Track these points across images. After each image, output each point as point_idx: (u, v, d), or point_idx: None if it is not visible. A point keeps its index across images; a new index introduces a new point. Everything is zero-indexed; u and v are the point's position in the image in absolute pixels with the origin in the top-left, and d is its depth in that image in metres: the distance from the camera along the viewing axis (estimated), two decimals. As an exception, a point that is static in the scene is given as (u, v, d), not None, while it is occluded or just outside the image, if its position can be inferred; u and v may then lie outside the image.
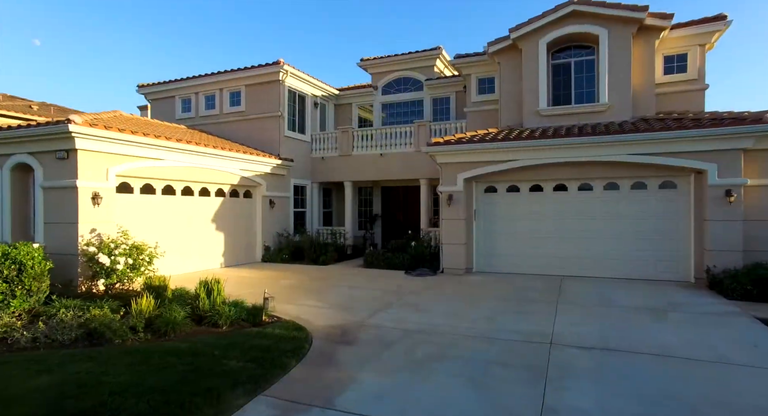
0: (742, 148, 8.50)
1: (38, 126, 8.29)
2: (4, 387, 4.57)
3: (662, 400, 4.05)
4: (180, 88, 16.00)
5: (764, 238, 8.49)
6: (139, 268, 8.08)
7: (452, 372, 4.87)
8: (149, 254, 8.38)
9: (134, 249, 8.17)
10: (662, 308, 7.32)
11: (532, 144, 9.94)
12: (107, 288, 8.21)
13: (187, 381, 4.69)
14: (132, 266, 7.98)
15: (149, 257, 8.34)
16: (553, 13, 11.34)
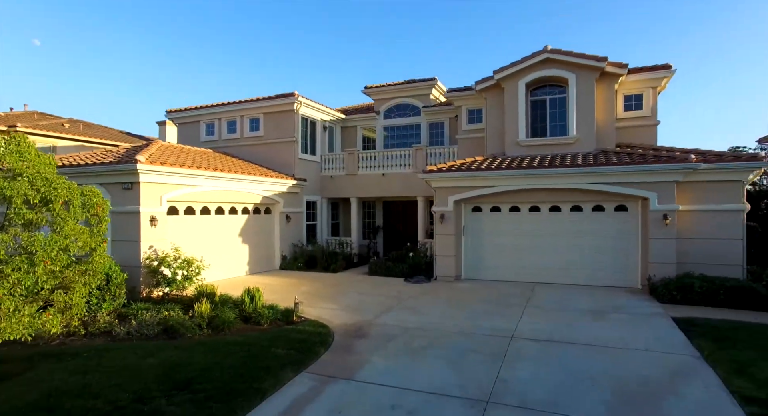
0: (675, 180, 10.47)
1: (111, 164, 10.25)
2: (123, 365, 6.51)
3: (575, 374, 5.99)
4: (204, 114, 17.97)
5: (692, 253, 10.46)
6: (191, 278, 10.03)
7: (438, 356, 6.81)
8: (197, 266, 10.33)
9: (186, 262, 10.12)
10: (606, 310, 9.27)
11: (510, 173, 11.90)
12: (164, 294, 10.15)
13: (249, 362, 6.63)
14: (186, 277, 9.93)
15: (198, 269, 10.30)
16: (531, 59, 13.32)
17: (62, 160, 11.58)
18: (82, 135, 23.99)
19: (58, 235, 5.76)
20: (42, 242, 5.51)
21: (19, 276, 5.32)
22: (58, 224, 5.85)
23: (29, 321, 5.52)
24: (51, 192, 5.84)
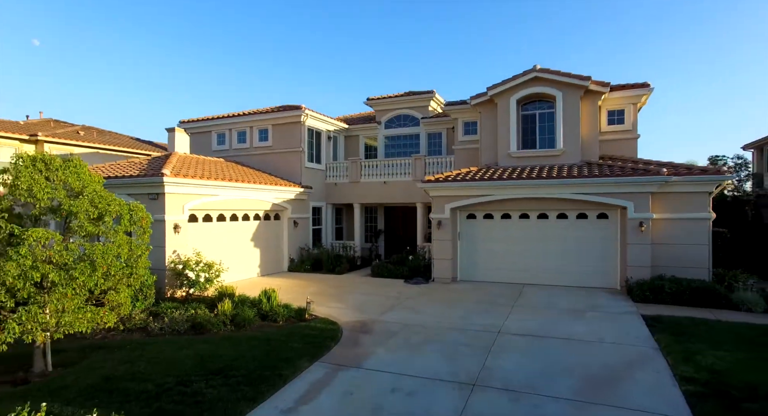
0: (650, 191, 11.52)
1: (139, 176, 11.28)
2: (163, 356, 7.54)
3: (551, 363, 7.02)
4: (216, 125, 19.01)
5: (665, 257, 11.50)
6: (212, 280, 11.06)
7: (434, 349, 7.84)
8: (217, 269, 11.36)
9: (207, 266, 11.15)
10: (586, 309, 10.31)
11: (501, 184, 12.94)
12: (187, 294, 11.19)
13: (271, 354, 7.66)
14: (207, 279, 10.96)
15: (217, 272, 11.33)
16: (521, 77, 14.36)
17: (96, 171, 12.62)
18: (96, 142, 25.00)
19: (112, 245, 6.78)
20: (101, 250, 6.53)
21: (83, 278, 6.33)
22: (112, 235, 6.88)
23: (91, 316, 6.54)
24: (106, 208, 6.87)
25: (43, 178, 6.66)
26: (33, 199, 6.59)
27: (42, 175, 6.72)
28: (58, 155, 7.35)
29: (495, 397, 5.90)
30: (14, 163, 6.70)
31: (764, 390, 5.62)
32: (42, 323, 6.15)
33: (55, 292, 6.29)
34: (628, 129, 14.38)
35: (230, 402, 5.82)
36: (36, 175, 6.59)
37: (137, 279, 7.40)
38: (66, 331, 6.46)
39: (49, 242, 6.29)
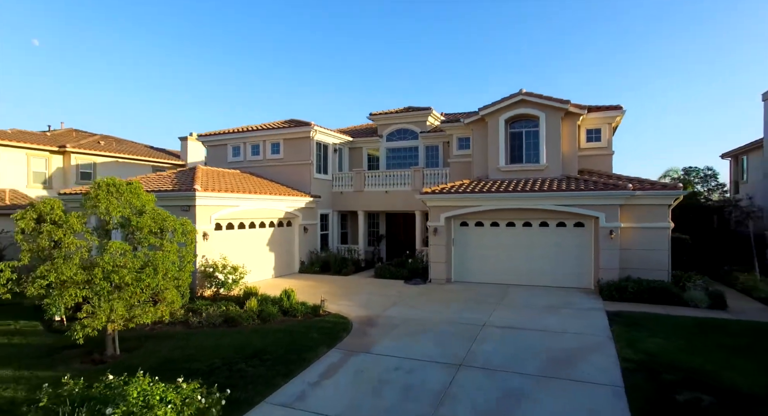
0: (619, 204, 13.14)
1: (173, 191, 12.89)
2: (206, 344, 9.13)
3: (524, 348, 8.62)
4: (231, 138, 20.62)
5: (631, 260, 13.11)
6: (237, 281, 12.67)
7: (429, 338, 9.44)
8: (241, 272, 12.96)
9: (233, 269, 12.76)
10: (560, 306, 11.91)
11: (490, 196, 14.55)
12: (215, 293, 12.78)
13: (295, 343, 9.27)
14: (234, 280, 12.57)
15: (241, 274, 12.93)
16: (509, 100, 15.98)
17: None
18: (115, 151, 26.58)
19: (169, 253, 8.38)
20: (161, 258, 8.12)
21: (149, 280, 7.91)
22: (168, 246, 8.48)
23: (153, 310, 8.14)
24: (163, 223, 8.48)
25: (116, 200, 8.26)
26: (108, 217, 8.20)
27: (113, 196, 8.32)
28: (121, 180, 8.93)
29: (475, 374, 7.51)
30: (93, 188, 8.28)
31: (680, 365, 7.23)
32: (120, 315, 7.75)
33: (127, 291, 7.89)
34: (604, 146, 16.01)
35: (268, 377, 7.43)
36: (111, 197, 8.19)
37: (184, 281, 9.00)
38: (137, 322, 8.07)
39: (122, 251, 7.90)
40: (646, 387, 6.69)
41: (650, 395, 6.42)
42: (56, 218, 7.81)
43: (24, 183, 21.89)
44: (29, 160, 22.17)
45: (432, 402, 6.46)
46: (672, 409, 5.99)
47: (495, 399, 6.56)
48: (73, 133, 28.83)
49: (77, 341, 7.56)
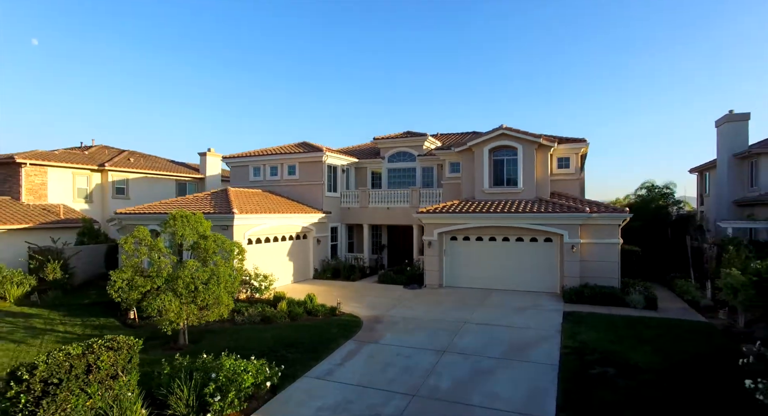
0: (578, 223, 15.85)
1: (215, 213, 15.58)
2: (253, 336, 11.81)
3: (493, 339, 11.31)
4: (252, 161, 23.33)
5: (589, 270, 15.81)
6: (268, 287, 15.37)
7: (422, 332, 12.14)
8: (270, 280, 15.65)
9: (264, 277, 15.45)
10: (529, 307, 14.61)
11: (475, 216, 17.26)
12: (249, 297, 15.46)
13: (319, 336, 11.95)
14: (265, 286, 15.26)
15: (270, 281, 15.62)
16: (492, 134, 18.70)
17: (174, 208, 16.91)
18: (143, 167, 29.24)
19: (227, 268, 11.07)
20: (222, 272, 10.81)
21: (214, 289, 10.60)
22: (225, 263, 11.18)
23: (217, 311, 10.85)
24: (222, 245, 11.19)
25: (188, 228, 10.98)
26: (182, 240, 10.92)
27: (187, 225, 11.03)
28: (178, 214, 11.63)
29: (454, 357, 10.21)
30: (171, 218, 10.98)
31: (602, 350, 9.93)
32: (195, 314, 10.46)
33: (199, 296, 10.60)
34: (572, 172, 18.74)
35: (304, 360, 10.12)
36: (185, 225, 10.90)
37: (234, 288, 11.70)
38: (205, 320, 10.78)
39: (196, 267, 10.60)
40: (573, 364, 9.39)
41: (574, 369, 9.12)
42: (149, 242, 10.52)
43: (70, 198, 24.58)
44: (74, 178, 24.88)
45: (422, 376, 9.17)
46: (585, 378, 8.68)
47: (467, 374, 9.27)
48: (105, 151, 31.49)
49: (165, 332, 10.26)
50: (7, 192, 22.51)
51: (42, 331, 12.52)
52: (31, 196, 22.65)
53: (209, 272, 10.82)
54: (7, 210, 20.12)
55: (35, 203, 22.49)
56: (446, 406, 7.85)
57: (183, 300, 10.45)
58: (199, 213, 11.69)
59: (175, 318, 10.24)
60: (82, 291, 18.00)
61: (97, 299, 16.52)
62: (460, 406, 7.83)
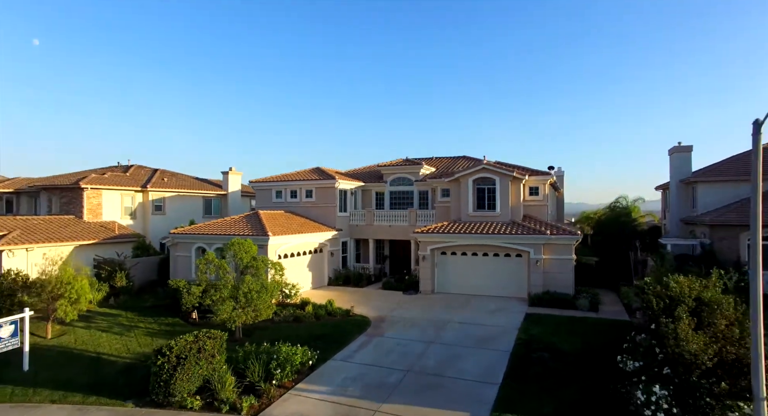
0: (542, 243, 19.57)
1: (252, 235, 19.32)
2: (288, 332, 15.53)
3: (468, 334, 15.03)
4: (275, 185, 27.11)
5: (550, 280, 19.47)
6: (296, 294, 19.10)
7: (416, 329, 15.86)
8: (297, 288, 19.38)
9: (293, 286, 19.18)
10: (500, 309, 18.30)
11: (460, 236, 20.97)
12: (279, 302, 19.19)
13: (339, 331, 15.68)
14: (294, 293, 19.00)
15: (297, 289, 19.35)
16: (475, 167, 22.46)
17: (217, 229, 20.67)
18: (175, 187, 32.94)
19: (272, 281, 14.80)
20: (270, 284, 14.52)
21: (265, 297, 14.32)
22: (271, 276, 14.90)
23: (265, 313, 14.57)
24: (269, 264, 14.94)
25: (243, 251, 14.73)
26: (241, 262, 14.69)
27: (241, 248, 14.78)
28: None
29: (438, 347, 13.94)
30: (230, 244, 14.72)
31: (543, 340, 13.61)
32: (251, 315, 14.22)
33: (254, 303, 14.33)
34: (540, 199, 22.48)
35: (329, 348, 13.82)
36: (242, 249, 14.66)
37: (275, 295, 15.45)
38: (256, 320, 14.52)
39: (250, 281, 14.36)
40: (520, 350, 13.09)
41: (520, 354, 12.83)
42: (216, 263, 14.29)
43: (119, 215, 28.36)
44: (122, 198, 28.68)
45: (415, 359, 12.90)
46: (527, 359, 12.37)
47: (446, 357, 12.99)
48: (141, 171, 35.22)
49: (229, 328, 14.00)
50: (72, 211, 26.32)
51: (130, 327, 16.28)
52: (90, 214, 26.43)
53: (260, 284, 14.58)
54: (76, 229, 23.89)
55: (94, 221, 26.27)
56: (430, 378, 11.59)
57: (242, 305, 14.20)
58: (249, 241, 15.46)
59: (236, 318, 13.99)
60: (140, 295, 21.71)
61: (155, 303, 20.24)
62: (439, 378, 11.57)
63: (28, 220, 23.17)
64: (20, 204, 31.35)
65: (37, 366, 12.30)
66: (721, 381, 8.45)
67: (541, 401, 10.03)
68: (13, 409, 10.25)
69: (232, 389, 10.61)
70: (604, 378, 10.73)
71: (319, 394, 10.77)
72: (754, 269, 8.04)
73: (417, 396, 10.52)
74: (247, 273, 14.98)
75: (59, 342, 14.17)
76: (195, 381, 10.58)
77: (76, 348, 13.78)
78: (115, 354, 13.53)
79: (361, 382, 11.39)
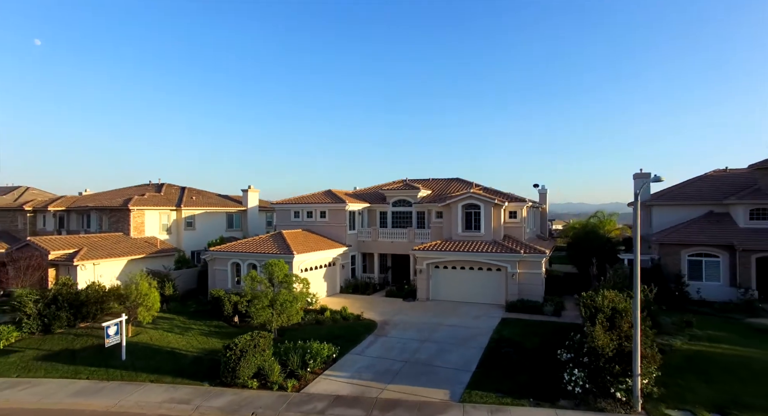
0: (516, 260, 23.38)
1: (281, 254, 23.14)
2: (312, 332, 19.32)
3: (454, 334, 18.80)
4: (293, 207, 30.97)
5: (524, 290, 23.23)
6: (316, 302, 22.90)
7: (413, 330, 19.65)
8: (316, 297, 23.17)
9: (313, 294, 22.97)
10: (482, 315, 22.05)
11: (450, 253, 24.77)
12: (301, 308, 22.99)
13: (353, 332, 19.48)
14: (315, 300, 22.80)
15: (317, 298, 23.15)
16: (464, 194, 26.32)
17: (249, 247, 24.55)
18: (203, 205, 36.78)
19: (300, 293, 18.59)
20: (299, 294, 18.30)
21: (296, 306, 18.09)
22: (299, 289, 18.72)
23: (296, 318, 18.37)
24: (298, 279, 18.77)
25: (279, 269, 18.57)
26: (277, 278, 18.54)
27: (276, 267, 18.61)
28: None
29: (430, 344, 17.74)
30: (268, 264, 18.57)
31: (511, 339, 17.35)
32: (285, 319, 18.05)
33: (287, 311, 18.15)
34: (518, 222, 26.32)
35: (346, 345, 17.56)
36: (276, 267, 18.50)
37: (303, 303, 19.28)
38: (288, 323, 18.35)
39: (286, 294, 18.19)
40: (492, 347, 16.85)
41: (492, 349, 16.58)
42: (258, 279, 18.14)
43: (157, 231, 32.21)
44: (160, 216, 32.56)
45: (412, 352, 16.70)
46: (496, 353, 16.09)
47: (436, 351, 16.78)
48: (171, 189, 39.07)
49: (270, 330, 17.79)
50: (120, 229, 30.20)
51: (185, 328, 20.07)
52: (135, 231, 30.30)
53: (292, 296, 18.42)
54: (127, 244, 27.75)
55: (138, 237, 30.14)
56: (423, 366, 15.40)
57: (278, 312, 18.03)
58: (282, 261, 19.32)
59: (273, 321, 17.81)
60: (184, 302, 25.49)
61: (198, 308, 24.04)
62: (430, 367, 15.37)
63: (89, 238, 27.06)
64: (70, 220, 35.18)
65: (130, 357, 16.14)
66: (617, 366, 12.24)
67: (501, 382, 13.82)
68: (128, 385, 14.10)
69: (279, 374, 14.40)
70: (549, 366, 14.52)
71: (341, 378, 14.57)
72: (636, 289, 11.89)
73: (413, 379, 14.31)
74: (281, 287, 18.81)
75: (139, 340, 17.97)
76: (252, 368, 14.38)
77: (154, 345, 17.59)
78: (183, 349, 17.35)
79: (372, 370, 15.19)
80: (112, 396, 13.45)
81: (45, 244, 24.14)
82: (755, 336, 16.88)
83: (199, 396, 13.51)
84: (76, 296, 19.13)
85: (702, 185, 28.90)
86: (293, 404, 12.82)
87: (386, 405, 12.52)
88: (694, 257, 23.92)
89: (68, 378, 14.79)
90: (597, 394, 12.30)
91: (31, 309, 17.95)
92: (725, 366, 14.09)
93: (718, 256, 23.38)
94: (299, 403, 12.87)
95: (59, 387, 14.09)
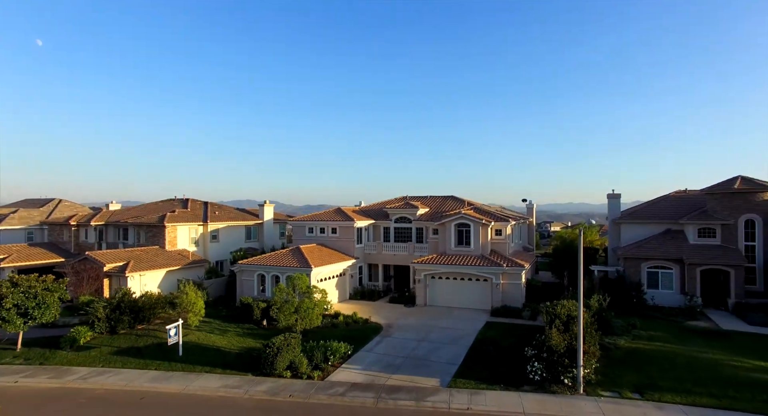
0: (500, 272, 26.99)
1: (300, 267, 26.78)
2: (330, 333, 22.97)
3: (446, 335, 22.38)
4: (308, 224, 34.63)
5: (507, 297, 26.89)
6: (331, 307, 26.50)
7: (413, 331, 23.23)
8: (331, 303, 26.77)
9: (328, 302, 26.58)
10: (471, 318, 25.60)
11: (444, 266, 28.39)
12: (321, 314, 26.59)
13: (361, 332, 23.05)
14: (329, 307, 26.41)
15: (331, 304, 26.75)
16: (456, 214, 29.99)
17: (272, 261, 28.25)
18: (224, 219, 40.39)
19: (320, 301, 22.17)
20: (318, 302, 21.87)
21: (317, 311, 21.65)
22: (318, 297, 22.32)
23: (316, 322, 21.95)
24: (316, 290, 22.39)
25: (301, 281, 22.19)
26: (300, 289, 22.18)
27: (299, 279, 22.23)
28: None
29: (427, 343, 21.34)
30: (292, 278, 22.21)
31: (492, 339, 20.94)
32: (307, 323, 21.66)
33: (308, 316, 21.76)
34: (503, 238, 29.94)
35: (358, 344, 21.15)
36: (299, 279, 22.13)
37: (321, 310, 22.90)
38: (310, 327, 21.96)
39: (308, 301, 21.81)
40: (476, 345, 20.43)
41: (476, 347, 20.16)
42: (286, 290, 21.78)
43: (187, 244, 35.88)
44: (189, 231, 36.23)
45: (411, 349, 20.30)
46: (479, 350, 19.66)
47: (430, 349, 20.39)
48: (196, 205, 42.73)
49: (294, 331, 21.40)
50: (156, 242, 33.87)
51: (224, 330, 23.68)
52: (169, 245, 33.96)
53: (313, 303, 22.06)
54: (164, 257, 31.41)
55: (172, 249, 33.80)
56: (420, 361, 19.00)
57: (301, 317, 21.65)
58: (304, 275, 22.97)
59: (298, 325, 21.43)
60: (216, 308, 29.08)
61: (229, 313, 27.63)
62: (426, 361, 18.97)
63: (133, 252, 30.74)
64: (108, 233, 38.82)
65: (185, 353, 19.77)
66: (567, 359, 15.85)
67: (480, 373, 17.41)
68: (189, 374, 17.75)
69: (307, 366, 18.02)
70: (518, 360, 18.11)
71: (356, 370, 18.17)
72: (579, 301, 15.51)
73: (412, 370, 17.91)
74: (304, 297, 22.45)
75: (189, 340, 21.57)
76: (286, 361, 17.99)
77: (201, 344, 21.21)
78: (226, 347, 20.96)
79: (379, 363, 18.79)
80: (179, 382, 17.08)
81: (101, 258, 27.81)
82: (687, 336, 20.48)
83: (246, 383, 17.12)
84: (135, 303, 22.76)
85: (664, 205, 32.57)
86: (320, 389, 16.43)
87: (391, 390, 16.12)
88: (652, 269, 27.55)
89: (140, 370, 18.42)
90: (551, 381, 15.90)
91: (101, 314, 21.57)
92: (653, 359, 17.70)
93: (672, 268, 27.00)
94: (324, 388, 16.47)
95: (137, 375, 17.74)
